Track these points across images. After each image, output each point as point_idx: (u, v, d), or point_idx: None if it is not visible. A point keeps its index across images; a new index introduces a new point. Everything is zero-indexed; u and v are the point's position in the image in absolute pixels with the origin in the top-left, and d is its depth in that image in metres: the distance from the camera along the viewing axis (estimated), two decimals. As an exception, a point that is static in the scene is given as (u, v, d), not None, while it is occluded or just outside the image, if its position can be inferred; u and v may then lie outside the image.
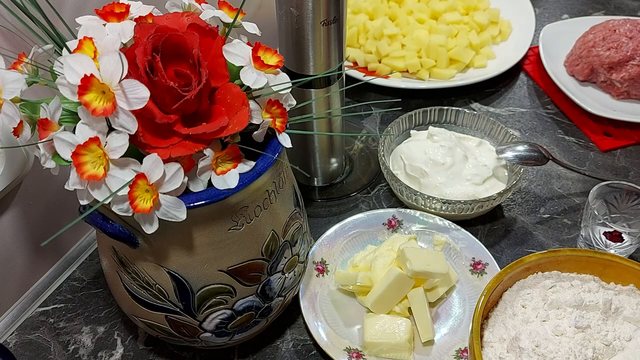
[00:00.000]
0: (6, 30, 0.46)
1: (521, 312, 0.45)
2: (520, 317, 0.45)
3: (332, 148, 0.66)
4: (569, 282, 0.47)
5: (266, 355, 0.54)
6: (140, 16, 0.39)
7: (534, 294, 0.46)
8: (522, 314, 0.45)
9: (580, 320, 0.43)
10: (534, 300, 0.46)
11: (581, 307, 0.44)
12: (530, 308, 0.45)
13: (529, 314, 0.45)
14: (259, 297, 0.46)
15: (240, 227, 0.42)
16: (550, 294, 0.46)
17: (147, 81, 0.34)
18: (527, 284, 0.47)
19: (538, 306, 0.45)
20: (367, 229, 0.61)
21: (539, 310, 0.45)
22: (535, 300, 0.46)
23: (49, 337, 0.56)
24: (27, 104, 0.37)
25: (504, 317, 0.46)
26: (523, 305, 0.46)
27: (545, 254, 0.47)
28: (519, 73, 0.86)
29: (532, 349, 0.42)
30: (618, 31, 0.77)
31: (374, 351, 0.51)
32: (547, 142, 0.74)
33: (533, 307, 0.45)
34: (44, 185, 0.56)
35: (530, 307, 0.45)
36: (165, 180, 0.35)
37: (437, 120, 0.71)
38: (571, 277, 0.47)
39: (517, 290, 0.47)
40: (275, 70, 0.40)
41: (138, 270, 0.42)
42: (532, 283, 0.47)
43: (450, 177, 0.63)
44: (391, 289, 0.52)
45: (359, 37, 0.86)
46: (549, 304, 0.45)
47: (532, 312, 0.45)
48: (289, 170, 0.47)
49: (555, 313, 0.45)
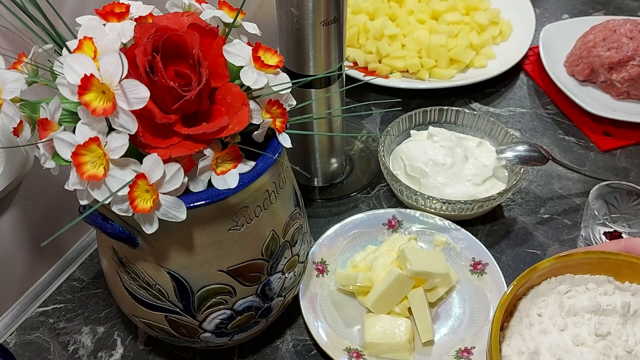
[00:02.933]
0: (6, 30, 0.46)
1: (538, 321, 0.44)
2: (537, 327, 0.43)
3: (332, 148, 0.66)
4: (584, 285, 0.45)
5: (266, 355, 0.54)
6: (140, 16, 0.39)
7: (549, 301, 0.45)
8: (539, 324, 0.44)
9: (599, 327, 0.42)
10: (550, 308, 0.44)
11: (599, 312, 0.43)
12: (546, 317, 0.44)
13: (546, 324, 0.44)
14: (259, 297, 0.46)
15: (240, 227, 0.42)
16: (566, 300, 0.45)
17: (147, 81, 0.34)
18: (541, 291, 0.46)
19: (555, 314, 0.44)
20: (367, 229, 0.61)
21: (556, 319, 0.44)
22: (551, 307, 0.44)
23: (48, 337, 0.56)
24: (27, 104, 0.37)
25: (520, 327, 0.44)
26: (539, 314, 0.44)
27: (558, 259, 0.45)
28: (519, 73, 0.86)
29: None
30: (618, 31, 0.77)
31: (374, 351, 0.51)
32: (547, 142, 0.74)
33: (550, 316, 0.44)
34: (44, 185, 0.56)
35: (547, 316, 0.44)
36: (165, 180, 0.35)
37: (437, 120, 0.71)
38: (585, 279, 0.46)
39: (531, 298, 0.46)
40: (275, 70, 0.39)
41: (138, 270, 0.42)
42: (547, 289, 0.46)
43: (451, 177, 0.63)
44: (391, 289, 0.52)
45: (359, 37, 0.86)
46: (565, 311, 0.44)
47: (549, 321, 0.44)
48: (289, 171, 0.47)
49: (573, 320, 0.43)
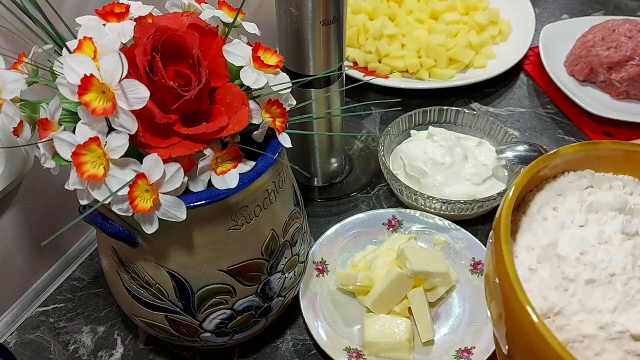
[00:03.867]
0: (6, 30, 0.46)
1: (552, 215, 0.37)
2: (552, 221, 0.37)
3: (332, 148, 0.66)
4: (608, 183, 0.39)
5: (266, 355, 0.54)
6: (140, 16, 0.39)
7: (567, 196, 0.38)
8: (555, 218, 0.37)
9: (627, 225, 0.36)
10: (568, 202, 0.38)
11: (625, 211, 0.37)
12: (563, 211, 0.37)
13: (563, 218, 0.37)
14: (259, 297, 0.46)
15: (240, 226, 0.42)
16: (586, 196, 0.38)
17: (147, 81, 0.34)
18: (557, 185, 0.39)
19: (573, 208, 0.37)
20: (367, 229, 0.61)
21: (575, 214, 0.37)
22: (569, 202, 0.38)
23: (49, 336, 0.56)
24: (27, 104, 0.37)
25: (529, 222, 0.37)
26: (554, 207, 0.38)
27: (583, 146, 0.39)
28: (518, 73, 0.86)
29: (575, 257, 0.34)
30: (617, 31, 0.77)
31: (373, 351, 0.51)
32: (547, 142, 0.74)
33: (567, 210, 0.37)
34: (44, 185, 0.56)
35: (564, 210, 0.37)
36: (165, 180, 0.35)
37: (437, 120, 0.71)
38: (609, 177, 0.40)
39: (546, 191, 0.39)
40: (275, 70, 0.39)
41: (138, 270, 0.42)
42: (564, 183, 0.39)
43: (450, 177, 0.63)
44: (391, 289, 0.52)
45: (359, 37, 0.86)
46: (587, 206, 0.37)
47: (567, 215, 0.37)
48: (288, 170, 0.47)
49: (595, 217, 0.37)
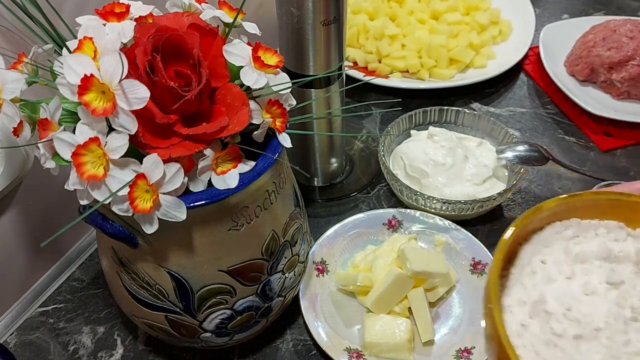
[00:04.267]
0: (6, 30, 0.46)
1: (541, 268, 0.38)
2: (540, 274, 0.38)
3: (332, 148, 0.66)
4: (593, 230, 0.40)
5: (266, 355, 0.54)
6: (141, 16, 0.39)
7: (554, 247, 0.39)
8: (543, 271, 0.38)
9: (612, 275, 0.36)
10: (555, 254, 0.39)
11: (610, 260, 0.38)
12: (551, 263, 0.38)
13: (550, 271, 0.38)
14: (259, 297, 0.46)
15: (240, 227, 0.41)
16: (572, 246, 0.39)
17: (147, 81, 0.34)
18: (544, 237, 0.40)
19: (560, 260, 0.38)
20: (367, 229, 0.61)
21: (562, 266, 0.38)
22: (556, 253, 0.39)
23: (48, 337, 0.56)
24: (27, 104, 0.37)
25: (521, 276, 0.38)
26: (542, 260, 0.39)
27: (565, 200, 0.40)
28: (519, 73, 0.86)
29: (562, 312, 0.35)
30: (618, 31, 0.77)
31: (374, 351, 0.51)
32: (547, 142, 0.74)
33: (554, 262, 0.38)
34: (44, 185, 0.56)
35: (551, 262, 0.38)
36: (165, 180, 0.35)
37: (437, 120, 0.71)
38: (594, 224, 0.40)
39: (533, 244, 0.40)
40: (275, 70, 0.39)
41: (138, 270, 0.42)
42: (550, 234, 0.40)
43: (451, 177, 0.63)
44: (391, 289, 0.52)
45: (359, 37, 0.86)
46: (573, 257, 0.38)
47: (554, 268, 0.38)
48: (289, 170, 0.47)
49: (582, 268, 0.38)
